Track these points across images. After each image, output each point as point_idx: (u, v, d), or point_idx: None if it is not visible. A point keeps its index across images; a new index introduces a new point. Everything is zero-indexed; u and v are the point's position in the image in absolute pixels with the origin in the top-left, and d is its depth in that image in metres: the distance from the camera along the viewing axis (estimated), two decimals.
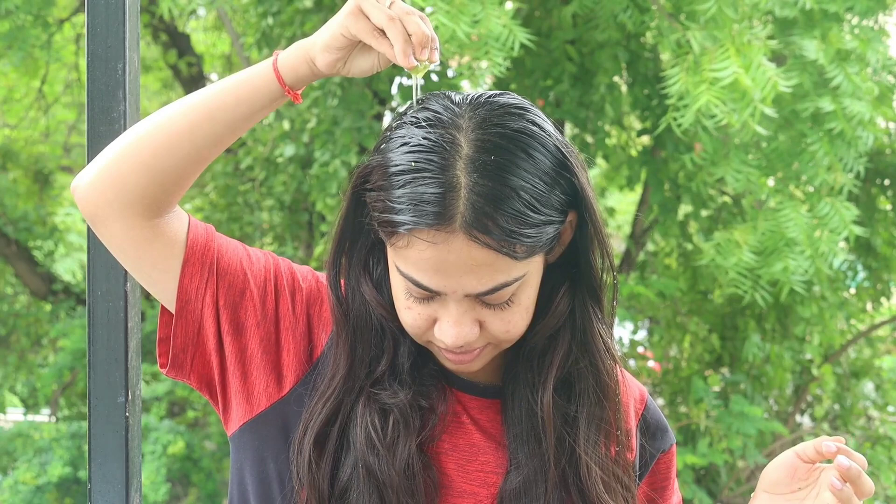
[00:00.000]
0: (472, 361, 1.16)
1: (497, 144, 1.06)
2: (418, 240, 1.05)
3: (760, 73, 3.21)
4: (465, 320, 1.10)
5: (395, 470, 1.16)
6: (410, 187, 1.05)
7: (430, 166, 1.05)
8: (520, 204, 1.05)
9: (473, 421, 1.22)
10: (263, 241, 6.82)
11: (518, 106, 1.12)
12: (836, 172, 3.80)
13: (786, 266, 3.68)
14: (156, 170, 1.13)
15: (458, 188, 1.04)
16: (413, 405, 1.19)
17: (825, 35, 3.67)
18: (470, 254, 1.05)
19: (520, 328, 1.14)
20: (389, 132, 1.12)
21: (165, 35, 7.55)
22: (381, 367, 1.21)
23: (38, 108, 8.44)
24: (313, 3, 5.18)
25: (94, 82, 1.36)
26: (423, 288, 1.09)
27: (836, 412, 6.51)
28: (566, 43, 4.62)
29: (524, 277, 1.10)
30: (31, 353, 8.62)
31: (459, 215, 1.04)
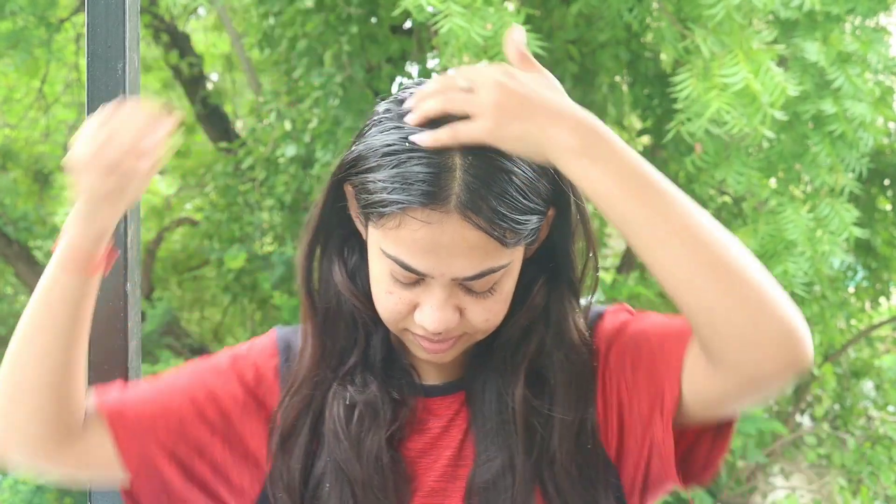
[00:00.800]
0: (446, 351, 1.14)
1: None
2: (411, 219, 1.04)
3: (769, 79, 3.20)
4: (447, 306, 1.09)
5: (363, 464, 1.15)
6: (405, 167, 1.04)
7: (422, 147, 1.05)
8: (512, 189, 1.05)
9: (438, 419, 1.21)
10: (263, 241, 6.83)
11: None
12: (837, 174, 3.79)
13: (785, 269, 3.68)
14: (40, 404, 1.13)
15: (452, 168, 1.04)
16: (383, 398, 1.18)
17: (826, 37, 3.66)
18: (463, 235, 1.04)
19: (499, 318, 1.13)
20: (376, 118, 1.11)
21: (166, 35, 7.55)
22: (353, 359, 1.20)
23: (39, 108, 8.44)
24: (314, 4, 5.18)
25: (94, 82, 1.36)
26: (412, 270, 1.07)
27: (836, 412, 6.51)
28: (568, 43, 4.62)
29: (509, 266, 1.10)
30: None
31: (454, 195, 1.03)
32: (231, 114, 8.53)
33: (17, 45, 6.08)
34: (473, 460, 1.18)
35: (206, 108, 7.76)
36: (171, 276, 9.40)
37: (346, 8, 5.01)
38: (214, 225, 6.75)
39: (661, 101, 4.98)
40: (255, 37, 5.75)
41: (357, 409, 1.17)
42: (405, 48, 5.17)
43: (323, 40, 5.14)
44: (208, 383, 1.22)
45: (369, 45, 5.08)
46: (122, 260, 1.36)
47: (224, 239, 6.59)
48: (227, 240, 6.55)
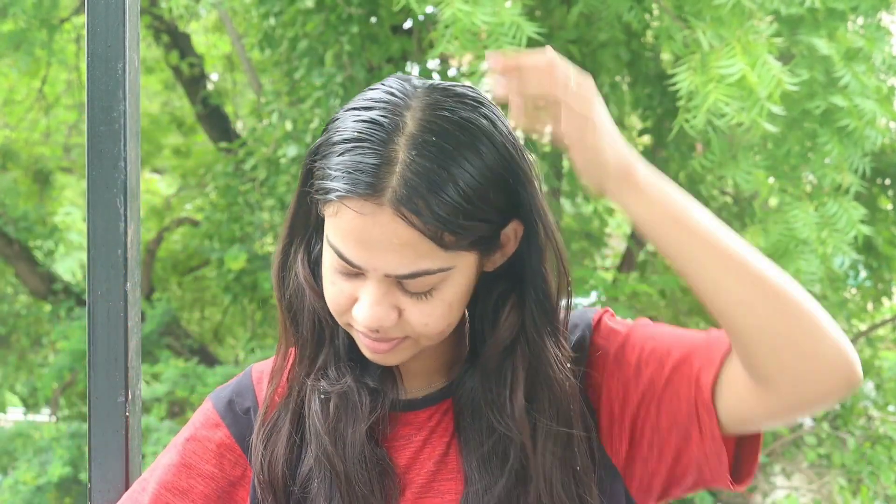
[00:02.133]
0: (388, 352, 1.12)
1: (442, 128, 1.05)
2: (347, 208, 1.04)
3: (765, 71, 3.20)
4: (382, 302, 1.08)
5: (347, 458, 1.14)
6: (349, 155, 1.04)
7: (372, 138, 1.04)
8: (454, 191, 1.03)
9: (421, 433, 1.19)
10: (264, 241, 6.82)
11: (475, 98, 1.10)
12: (843, 172, 3.79)
13: (798, 267, 3.68)
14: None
15: (394, 162, 1.03)
16: (360, 388, 1.17)
17: (832, 34, 3.66)
18: (395, 230, 1.03)
19: (439, 323, 1.11)
20: (341, 110, 1.11)
21: (167, 36, 7.55)
22: (324, 354, 1.19)
23: (39, 108, 8.44)
24: (315, 4, 5.18)
25: (94, 82, 1.36)
26: (346, 261, 1.07)
27: (836, 412, 6.50)
28: (568, 43, 4.61)
29: (450, 271, 1.07)
30: (31, 352, 8.62)
31: (391, 189, 1.02)
32: (231, 114, 8.53)
33: (20, 47, 6.08)
34: (463, 480, 1.16)
35: (206, 108, 7.76)
36: (171, 276, 9.41)
37: (346, 8, 5.01)
38: (215, 225, 6.75)
39: (662, 101, 4.98)
40: (255, 37, 5.74)
41: (332, 402, 1.16)
42: (405, 48, 5.17)
43: (323, 40, 5.14)
44: (190, 476, 1.23)
45: (370, 45, 5.08)
46: (122, 260, 1.35)
47: (224, 239, 6.59)
48: (227, 240, 6.55)
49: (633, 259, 6.13)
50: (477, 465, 1.15)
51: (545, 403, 1.15)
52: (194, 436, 1.25)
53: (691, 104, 3.34)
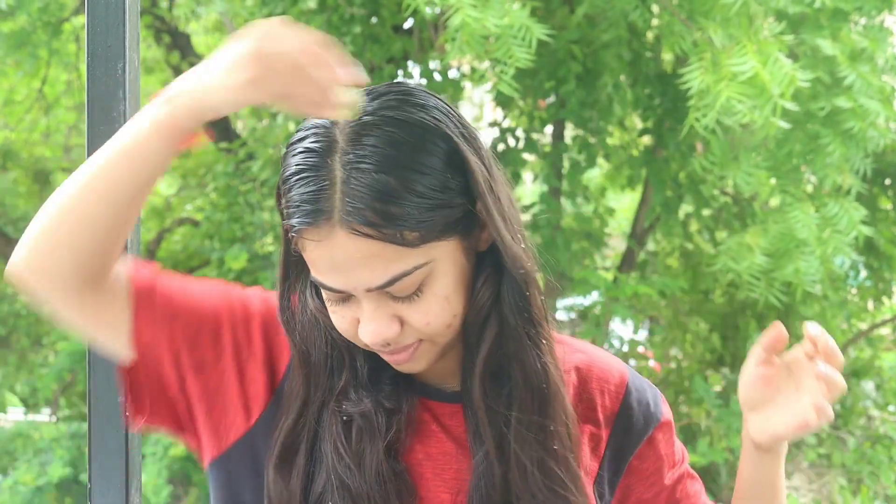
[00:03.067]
0: (409, 360, 1.13)
1: (371, 134, 1.04)
2: (305, 241, 1.05)
3: (778, 68, 3.19)
4: (379, 316, 1.08)
5: (366, 479, 1.14)
6: (295, 190, 1.05)
7: (306, 166, 1.05)
8: (398, 188, 1.02)
9: (443, 428, 1.19)
10: (264, 241, 6.82)
11: (396, 91, 1.09)
12: (844, 173, 3.79)
13: (797, 268, 3.68)
14: (78, 247, 1.08)
15: (333, 183, 1.03)
16: (377, 409, 1.17)
17: (835, 34, 3.65)
18: (355, 247, 1.03)
19: (441, 318, 1.10)
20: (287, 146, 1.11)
21: (168, 36, 7.55)
22: (343, 378, 1.19)
23: (39, 108, 8.44)
24: (317, 4, 5.18)
25: (94, 82, 1.36)
26: (329, 289, 1.08)
27: (836, 411, 6.51)
28: (570, 43, 4.61)
29: (428, 265, 1.07)
30: (31, 353, 8.62)
31: (336, 210, 1.02)
32: (231, 114, 8.53)
33: (22, 47, 6.08)
34: (471, 473, 1.17)
35: None
36: None
37: (348, 8, 5.01)
38: (215, 225, 6.74)
39: (663, 101, 4.98)
40: None
41: (355, 424, 1.16)
42: (406, 48, 5.17)
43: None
44: (236, 311, 1.20)
45: (371, 45, 5.09)
46: None
47: (225, 239, 6.58)
48: (227, 240, 6.55)
49: (633, 259, 6.12)
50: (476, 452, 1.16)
51: (518, 382, 1.15)
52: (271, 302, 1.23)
53: (702, 103, 3.33)
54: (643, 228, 6.04)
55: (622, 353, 5.95)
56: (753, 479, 1.26)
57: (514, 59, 3.18)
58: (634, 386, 1.28)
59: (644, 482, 1.30)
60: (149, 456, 6.01)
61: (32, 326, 8.42)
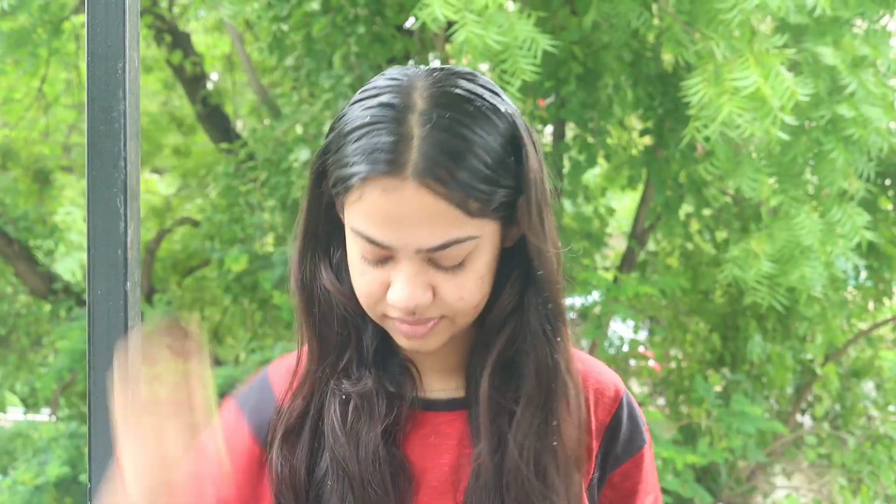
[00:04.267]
0: (426, 335, 1.13)
1: (450, 101, 1.07)
2: (371, 189, 1.05)
3: (779, 82, 3.19)
4: (417, 281, 1.08)
5: (361, 460, 1.15)
6: (365, 139, 1.06)
7: (384, 119, 1.06)
8: (472, 157, 1.05)
9: (442, 435, 1.20)
10: (264, 242, 6.82)
11: (472, 73, 1.14)
12: (849, 178, 3.79)
13: (803, 274, 3.68)
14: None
15: (411, 138, 1.04)
16: (379, 390, 1.18)
17: (838, 42, 3.65)
18: (422, 202, 1.04)
19: (474, 296, 1.12)
20: (346, 106, 1.13)
21: (169, 36, 7.55)
22: (348, 356, 1.20)
23: (38, 107, 8.44)
24: (320, 6, 5.19)
25: (94, 81, 1.36)
26: (375, 243, 1.07)
27: (836, 412, 6.51)
28: (571, 44, 4.61)
29: (478, 240, 1.08)
30: (31, 352, 8.62)
31: (412, 163, 1.03)
32: (231, 114, 8.53)
33: (22, 46, 6.08)
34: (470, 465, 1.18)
35: (206, 107, 7.76)
36: (171, 276, 9.41)
37: (352, 9, 5.01)
38: (216, 226, 6.75)
39: (663, 101, 4.98)
40: (265, 41, 5.74)
41: (352, 403, 1.17)
42: (408, 48, 5.17)
43: (330, 42, 5.15)
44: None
45: (375, 45, 5.09)
46: (123, 260, 1.36)
47: (225, 240, 6.59)
48: (227, 240, 6.55)
49: (633, 259, 6.12)
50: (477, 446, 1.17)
51: (530, 382, 1.16)
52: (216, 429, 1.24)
53: (702, 113, 3.34)
54: (643, 228, 6.05)
55: (622, 353, 5.95)
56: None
57: (520, 71, 3.19)
58: (627, 401, 1.30)
59: (623, 500, 1.32)
60: None
61: (32, 326, 8.42)
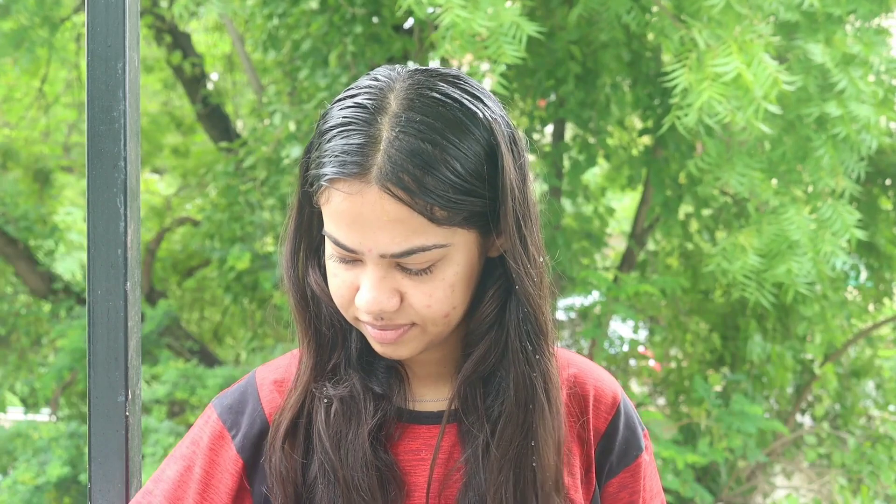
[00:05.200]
0: (395, 341, 1.11)
1: (425, 105, 1.06)
2: (336, 192, 1.05)
3: (762, 70, 3.19)
4: (382, 286, 1.07)
5: (347, 463, 1.14)
6: (336, 140, 1.05)
7: (357, 120, 1.05)
8: (441, 164, 1.03)
9: (432, 449, 1.20)
10: (264, 241, 6.82)
11: (457, 76, 1.12)
12: (838, 176, 3.80)
13: (789, 268, 3.68)
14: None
15: (378, 141, 1.04)
16: (365, 392, 1.17)
17: (829, 39, 3.66)
18: (383, 207, 1.03)
19: (442, 305, 1.10)
20: (331, 102, 1.13)
21: (170, 37, 7.55)
22: (336, 357, 1.20)
23: (39, 107, 8.44)
24: (318, 4, 5.18)
25: (94, 82, 1.36)
26: (341, 246, 1.07)
27: (836, 412, 6.51)
28: (570, 43, 4.62)
29: (446, 248, 1.07)
30: (30, 352, 8.62)
31: (376, 167, 1.03)
32: (232, 114, 8.53)
33: (21, 45, 6.08)
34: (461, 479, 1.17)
35: (206, 107, 7.76)
36: (172, 276, 9.41)
37: (349, 8, 5.01)
38: (216, 225, 6.75)
39: (662, 101, 4.98)
40: (259, 38, 5.74)
41: (334, 407, 1.17)
42: (407, 47, 5.17)
43: (327, 41, 5.15)
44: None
45: (372, 45, 5.09)
46: (122, 259, 1.36)
47: (225, 239, 6.59)
48: (228, 240, 6.55)
49: (633, 259, 6.13)
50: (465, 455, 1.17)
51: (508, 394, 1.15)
52: (199, 447, 1.24)
53: (685, 101, 3.34)
54: (643, 228, 6.05)
55: (622, 353, 5.95)
56: None
57: (503, 56, 3.19)
58: (625, 409, 1.28)
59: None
60: (148, 457, 6.00)
61: (32, 326, 8.42)
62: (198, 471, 1.22)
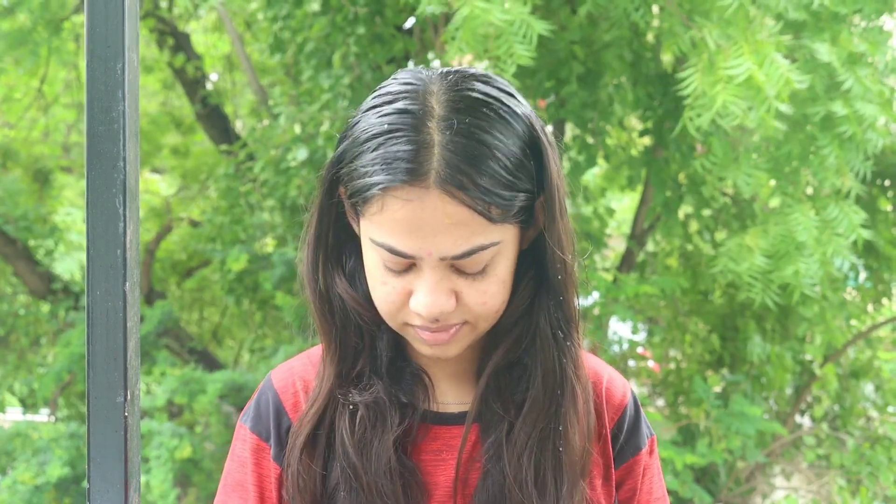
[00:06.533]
0: (448, 342, 1.12)
1: (469, 105, 1.06)
2: (392, 199, 1.04)
3: (774, 70, 3.18)
4: (440, 288, 1.08)
5: (371, 470, 1.14)
6: (383, 148, 1.04)
7: (403, 126, 1.04)
8: (494, 163, 1.04)
9: (455, 450, 1.20)
10: (264, 242, 6.82)
11: (487, 76, 1.13)
12: (844, 176, 3.78)
13: (797, 270, 3.67)
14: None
15: (431, 145, 1.03)
16: (392, 400, 1.18)
17: (835, 38, 3.65)
18: (445, 210, 1.03)
19: (496, 301, 1.11)
20: (359, 112, 1.11)
21: (172, 39, 7.54)
22: (360, 365, 1.20)
23: (38, 107, 8.43)
24: (321, 5, 5.18)
25: (94, 82, 1.36)
26: (398, 254, 1.06)
27: (835, 413, 6.51)
28: (572, 43, 4.61)
29: (500, 245, 1.08)
30: (29, 352, 8.62)
31: (434, 171, 1.02)
32: (231, 114, 8.52)
33: (22, 45, 6.08)
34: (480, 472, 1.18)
35: (205, 108, 7.76)
36: (171, 277, 9.40)
37: (352, 9, 5.01)
38: (216, 227, 6.74)
39: (663, 101, 4.98)
40: (265, 41, 5.73)
41: (359, 414, 1.17)
42: (408, 48, 5.17)
43: (330, 42, 5.15)
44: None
45: (375, 45, 5.09)
46: (122, 260, 1.36)
47: (226, 241, 6.58)
48: (228, 242, 6.54)
49: (633, 259, 6.12)
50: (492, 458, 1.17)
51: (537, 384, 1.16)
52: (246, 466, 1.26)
53: (697, 103, 3.33)
54: (643, 229, 6.04)
55: (622, 353, 5.95)
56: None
57: (515, 56, 3.18)
58: (633, 407, 1.30)
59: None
60: (153, 459, 5.99)
61: (31, 326, 8.42)
62: (254, 491, 1.24)
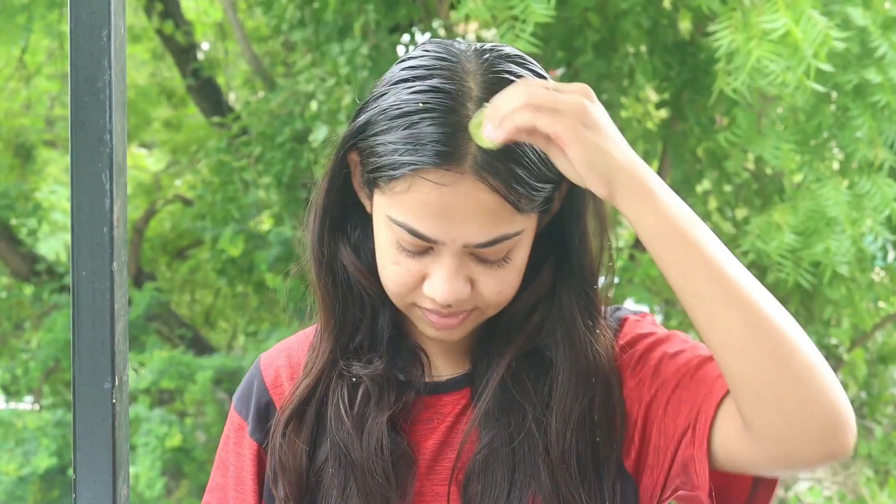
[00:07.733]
0: (456, 327, 1.14)
1: (505, 87, 1.05)
2: (423, 181, 1.04)
3: (811, 26, 3.14)
4: (458, 276, 1.09)
5: (365, 447, 1.16)
6: (417, 128, 1.04)
7: (440, 106, 1.04)
8: (531, 153, 1.05)
9: (445, 417, 1.21)
10: (259, 220, 6.80)
11: (521, 56, 1.13)
12: (876, 148, 3.74)
13: (828, 247, 3.63)
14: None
15: (468, 129, 1.04)
16: (389, 377, 1.19)
17: (868, 2, 3.61)
18: (476, 197, 1.04)
19: (511, 290, 1.13)
20: (384, 83, 1.11)
21: (161, 4, 7.50)
22: (359, 338, 1.21)
23: (19, 78, 8.40)
24: None
25: (78, 51, 1.35)
26: (420, 237, 1.07)
27: (862, 400, 6.50)
28: (586, 10, 4.57)
29: (522, 234, 1.09)
30: (12, 337, 8.63)
31: (471, 156, 1.03)
32: (224, 85, 8.49)
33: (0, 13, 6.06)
34: (474, 448, 1.18)
35: (197, 79, 7.72)
36: (161, 257, 9.40)
37: None
38: (208, 205, 6.72)
39: (681, 72, 4.95)
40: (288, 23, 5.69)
41: (362, 388, 1.18)
42: (412, 15, 5.14)
43: (345, 12, 5.12)
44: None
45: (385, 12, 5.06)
46: (108, 238, 1.35)
47: (218, 220, 6.56)
48: (221, 220, 6.52)
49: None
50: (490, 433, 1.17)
51: (562, 370, 1.16)
52: (228, 443, 1.30)
53: (731, 65, 3.29)
54: None
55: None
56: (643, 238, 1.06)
57: (533, 16, 3.16)
58: (628, 331, 1.24)
59: (650, 378, 1.19)
60: (141, 447, 6.01)
61: (13, 309, 8.43)
62: (231, 468, 1.28)
